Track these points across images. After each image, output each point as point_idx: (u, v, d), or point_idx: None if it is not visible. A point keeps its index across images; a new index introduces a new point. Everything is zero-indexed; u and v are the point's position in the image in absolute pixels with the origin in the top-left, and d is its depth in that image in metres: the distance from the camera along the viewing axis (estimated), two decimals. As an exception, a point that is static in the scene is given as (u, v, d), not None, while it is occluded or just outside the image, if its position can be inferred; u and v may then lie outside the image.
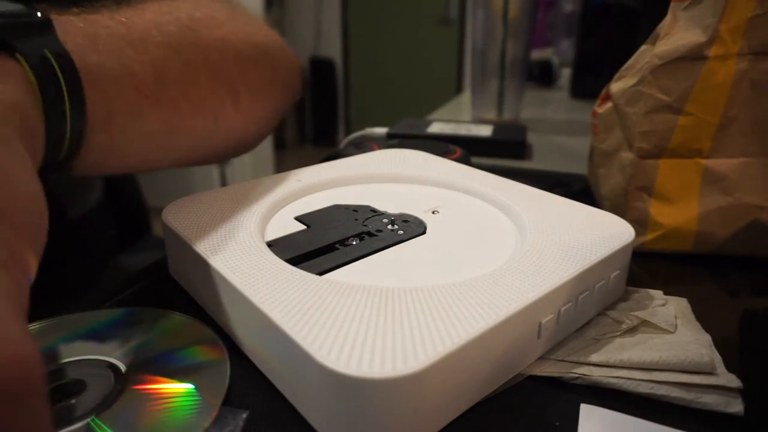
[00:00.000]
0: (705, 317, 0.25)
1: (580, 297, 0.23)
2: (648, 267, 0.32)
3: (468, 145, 0.49)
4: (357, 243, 0.27)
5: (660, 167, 0.32)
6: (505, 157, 0.57)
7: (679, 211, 0.32)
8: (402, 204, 0.31)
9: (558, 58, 1.09)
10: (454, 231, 0.28)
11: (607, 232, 0.26)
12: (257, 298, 0.20)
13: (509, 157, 0.57)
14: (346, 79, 3.33)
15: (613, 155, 0.36)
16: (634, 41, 0.38)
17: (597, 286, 0.24)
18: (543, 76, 1.03)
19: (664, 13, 0.31)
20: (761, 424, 0.20)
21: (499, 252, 0.26)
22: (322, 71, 3.31)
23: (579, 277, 0.22)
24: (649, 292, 0.27)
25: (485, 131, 0.59)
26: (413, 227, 0.28)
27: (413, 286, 0.21)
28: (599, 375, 0.21)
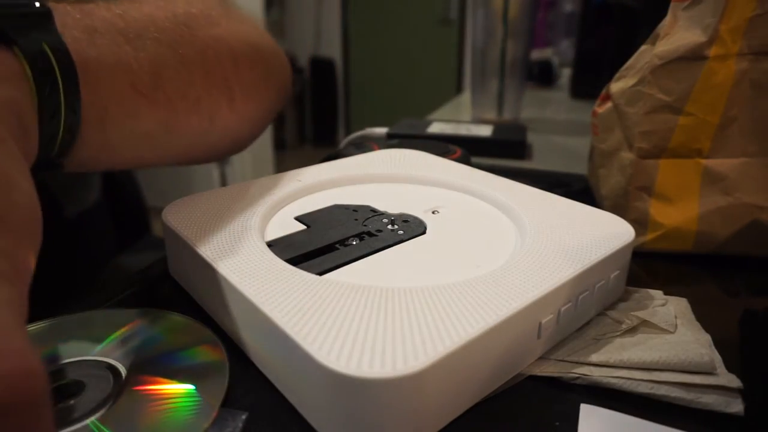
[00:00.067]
0: (705, 317, 0.25)
1: (580, 297, 0.23)
2: (648, 267, 0.32)
3: (468, 145, 0.49)
4: (357, 243, 0.27)
5: (660, 167, 0.32)
6: (505, 157, 0.57)
7: (679, 211, 0.32)
8: (402, 204, 0.31)
9: (558, 58, 1.09)
10: (454, 231, 0.28)
11: (607, 232, 0.26)
12: (257, 298, 0.20)
13: (509, 157, 0.57)
14: (346, 79, 3.33)
15: (613, 155, 0.36)
16: (634, 41, 0.38)
17: (597, 286, 0.24)
18: (543, 76, 1.03)
19: (664, 13, 0.31)
20: (761, 424, 0.20)
21: (499, 252, 0.26)
22: (322, 71, 3.31)
23: (579, 277, 0.22)
24: (649, 292, 0.27)
25: (485, 131, 0.59)
26: (413, 227, 0.28)
27: (413, 286, 0.21)
28: (599, 375, 0.21)
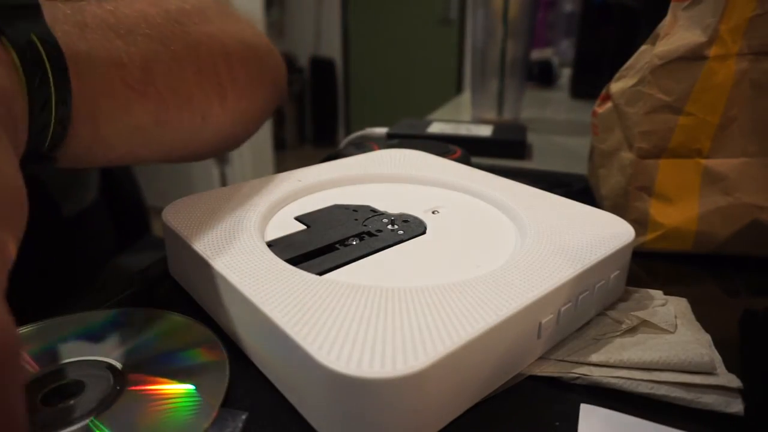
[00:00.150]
0: (705, 317, 0.25)
1: (580, 297, 0.23)
2: (648, 267, 0.32)
3: (468, 145, 0.49)
4: (357, 243, 0.27)
5: (660, 167, 0.32)
6: (505, 157, 0.57)
7: (679, 211, 0.32)
8: (402, 204, 0.31)
9: (558, 58, 1.09)
10: (454, 231, 0.28)
11: (607, 232, 0.26)
12: (257, 298, 0.20)
13: (509, 157, 0.57)
14: (346, 79, 3.33)
15: (613, 155, 0.36)
16: (634, 41, 0.38)
17: (597, 286, 0.24)
18: (543, 76, 1.03)
19: (664, 13, 0.31)
20: (761, 424, 0.20)
21: (499, 252, 0.26)
22: (322, 71, 3.31)
23: (579, 277, 0.22)
24: (649, 292, 0.27)
25: (485, 131, 0.59)
26: (413, 227, 0.28)
27: (413, 286, 0.21)
28: (599, 375, 0.21)
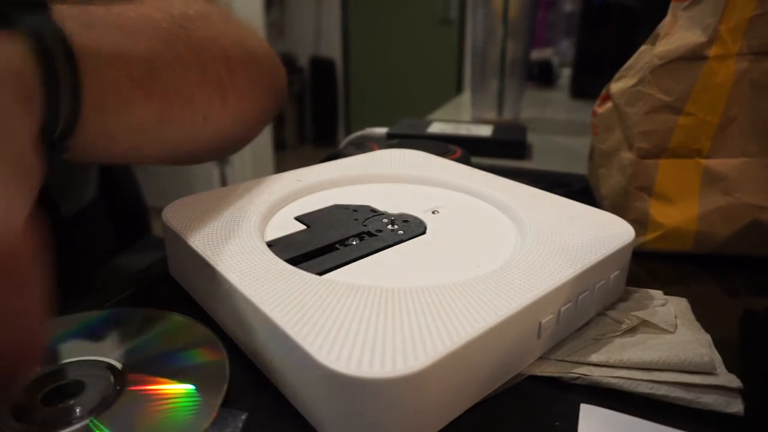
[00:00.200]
0: (705, 317, 0.25)
1: (580, 297, 0.23)
2: (648, 267, 0.32)
3: (468, 145, 0.49)
4: (357, 243, 0.27)
5: (660, 167, 0.32)
6: (505, 157, 0.57)
7: (679, 211, 0.32)
8: (402, 204, 0.31)
9: (558, 58, 1.09)
10: (454, 231, 0.28)
11: (607, 232, 0.26)
12: (257, 298, 0.20)
13: (509, 157, 0.57)
14: (346, 79, 3.33)
15: (613, 155, 0.36)
16: (634, 41, 0.38)
17: (597, 286, 0.24)
18: (543, 76, 1.03)
19: (664, 13, 0.31)
20: (761, 424, 0.20)
21: (499, 252, 0.26)
22: (322, 71, 3.31)
23: (579, 277, 0.22)
24: (649, 292, 0.27)
25: (485, 131, 0.59)
26: (413, 227, 0.28)
27: (413, 286, 0.21)
28: (599, 375, 0.21)
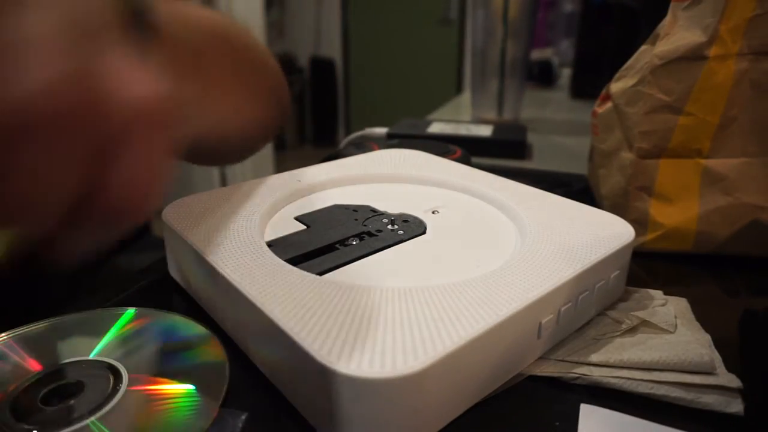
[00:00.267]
0: (705, 317, 0.25)
1: (580, 297, 0.23)
2: (648, 267, 0.32)
3: (468, 145, 0.49)
4: (357, 243, 0.27)
5: (660, 167, 0.32)
6: (505, 157, 0.57)
7: (679, 211, 0.32)
8: (402, 204, 0.31)
9: (558, 58, 1.09)
10: (454, 231, 0.28)
11: (607, 232, 0.26)
12: (257, 298, 0.20)
13: (509, 157, 0.57)
14: (346, 79, 3.33)
15: (613, 155, 0.36)
16: (634, 41, 0.38)
17: (597, 286, 0.24)
18: (543, 76, 1.03)
19: (664, 13, 0.31)
20: (761, 424, 0.20)
21: (499, 252, 0.26)
22: (322, 71, 3.31)
23: (579, 277, 0.22)
24: (649, 292, 0.27)
25: (485, 131, 0.59)
26: (413, 227, 0.28)
27: (413, 286, 0.21)
28: (599, 375, 0.21)
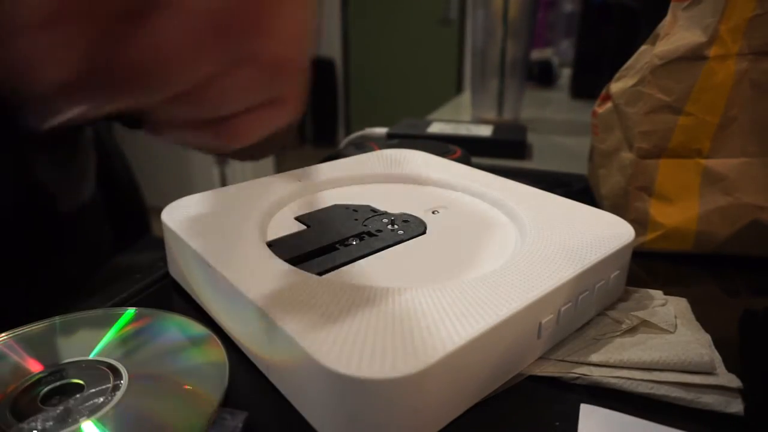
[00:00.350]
0: (705, 317, 0.25)
1: (580, 297, 0.23)
2: (648, 267, 0.32)
3: (468, 145, 0.49)
4: (357, 243, 0.27)
5: (660, 167, 0.32)
6: (505, 157, 0.57)
7: (679, 211, 0.32)
8: (402, 204, 0.31)
9: (558, 58, 1.09)
10: (454, 231, 0.28)
11: (607, 232, 0.26)
12: (257, 298, 0.20)
13: (509, 157, 0.57)
14: (346, 79, 3.33)
15: (613, 155, 0.36)
16: (634, 41, 0.38)
17: (597, 286, 0.24)
18: (543, 76, 1.02)
19: (664, 13, 0.31)
20: (761, 424, 0.20)
21: (499, 252, 0.26)
22: (322, 71, 3.31)
23: (579, 277, 0.22)
24: (649, 292, 0.27)
25: (485, 131, 0.59)
26: (413, 227, 0.28)
27: (413, 286, 0.21)
28: (599, 375, 0.21)
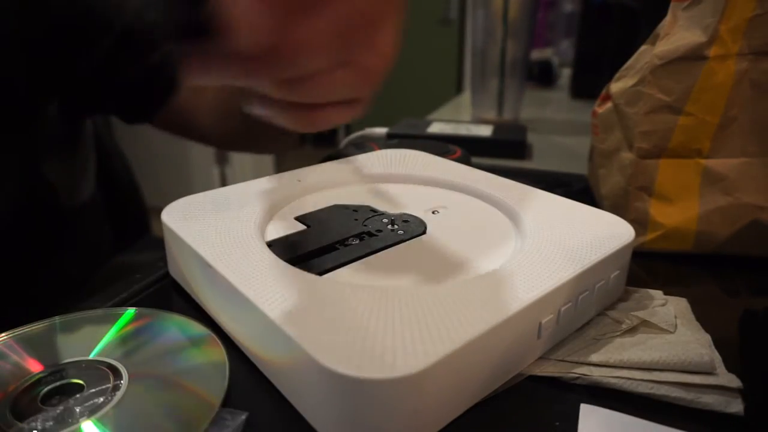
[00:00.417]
0: (705, 317, 0.25)
1: (580, 297, 0.23)
2: (648, 267, 0.32)
3: (468, 145, 0.49)
4: (357, 243, 0.27)
5: (660, 167, 0.32)
6: (505, 157, 0.57)
7: (679, 211, 0.32)
8: (402, 204, 0.31)
9: (558, 58, 1.09)
10: (454, 231, 0.28)
11: (607, 232, 0.26)
12: (257, 298, 0.20)
13: (509, 157, 0.57)
14: (346, 79, 3.32)
15: (613, 155, 0.36)
16: (634, 41, 0.38)
17: (597, 286, 0.24)
18: (543, 76, 1.02)
19: (664, 13, 0.31)
20: (761, 424, 0.20)
21: (499, 252, 0.26)
22: (321, 71, 3.30)
23: (579, 277, 0.22)
24: (649, 292, 0.27)
25: (485, 131, 0.59)
26: (413, 227, 0.28)
27: (413, 286, 0.21)
28: (599, 375, 0.21)
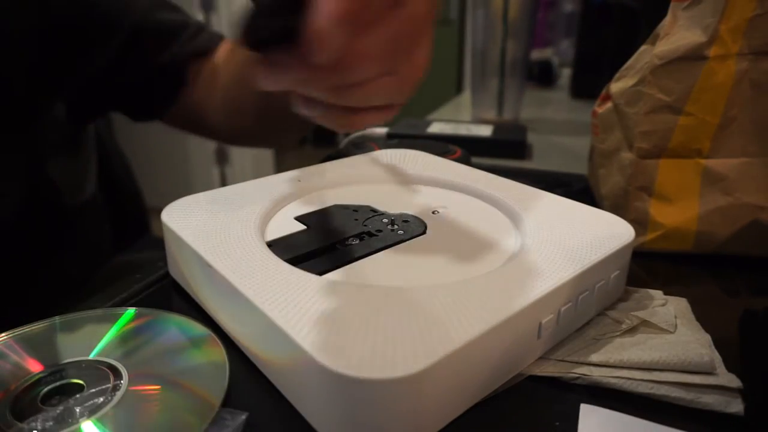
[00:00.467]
0: (705, 317, 0.25)
1: (580, 297, 0.23)
2: (648, 267, 0.32)
3: (468, 145, 0.49)
4: (357, 243, 0.27)
5: (660, 167, 0.32)
6: (505, 157, 0.57)
7: (679, 211, 0.32)
8: (402, 204, 0.31)
9: (558, 58, 1.09)
10: (454, 231, 0.28)
11: (607, 232, 0.26)
12: (257, 298, 0.20)
13: (509, 157, 0.57)
14: (346, 79, 3.32)
15: (613, 155, 0.36)
16: (634, 41, 0.38)
17: (597, 286, 0.24)
18: (543, 76, 1.02)
19: (664, 13, 0.31)
20: (761, 424, 0.20)
21: (499, 252, 0.26)
22: (321, 71, 3.30)
23: (579, 277, 0.22)
24: (649, 292, 0.27)
25: (485, 131, 0.59)
26: (413, 227, 0.28)
27: (413, 286, 0.21)
28: (599, 375, 0.21)
